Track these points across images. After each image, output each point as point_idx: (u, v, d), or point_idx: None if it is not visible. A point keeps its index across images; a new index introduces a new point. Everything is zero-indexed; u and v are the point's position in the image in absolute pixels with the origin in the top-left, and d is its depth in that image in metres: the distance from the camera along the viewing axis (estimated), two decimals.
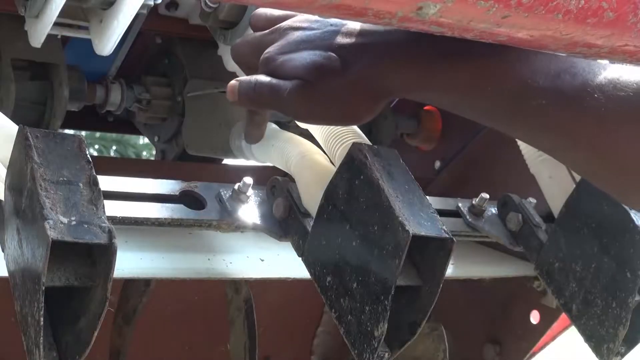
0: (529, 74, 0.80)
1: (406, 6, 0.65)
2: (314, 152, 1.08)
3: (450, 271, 0.97)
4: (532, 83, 0.80)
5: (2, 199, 0.88)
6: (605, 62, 0.80)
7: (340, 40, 0.89)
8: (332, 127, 1.07)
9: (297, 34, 0.93)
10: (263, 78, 0.93)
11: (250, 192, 1.09)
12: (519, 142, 1.31)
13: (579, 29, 0.69)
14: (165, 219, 1.03)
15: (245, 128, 1.12)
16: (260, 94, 0.93)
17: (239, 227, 1.08)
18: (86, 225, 0.80)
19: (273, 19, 0.98)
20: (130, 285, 1.41)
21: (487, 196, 1.32)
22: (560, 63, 0.80)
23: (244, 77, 0.96)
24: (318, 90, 0.89)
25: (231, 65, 1.27)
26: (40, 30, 1.14)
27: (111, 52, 1.18)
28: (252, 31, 1.02)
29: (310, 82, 0.89)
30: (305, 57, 0.90)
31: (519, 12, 0.66)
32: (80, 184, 0.84)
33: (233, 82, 0.97)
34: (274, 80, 0.92)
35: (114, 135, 4.91)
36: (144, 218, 1.02)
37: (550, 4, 0.66)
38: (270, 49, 0.94)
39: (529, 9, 0.66)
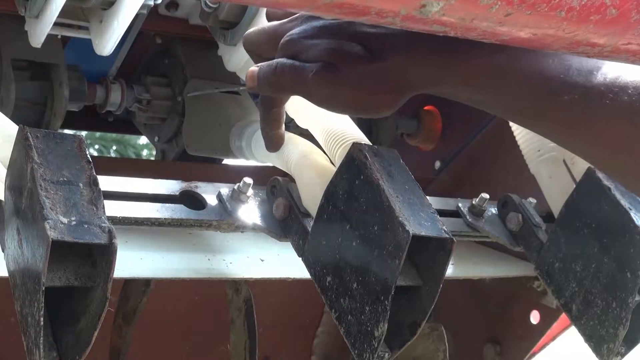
0: (562, 70, 0.80)
1: (409, 4, 0.64)
2: (314, 152, 1.08)
3: (450, 271, 0.97)
4: (566, 78, 0.80)
5: (2, 199, 0.88)
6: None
7: (366, 29, 0.87)
8: (332, 127, 1.07)
9: (319, 22, 0.90)
10: (285, 60, 0.90)
11: (250, 192, 1.09)
12: (519, 142, 1.32)
13: (582, 27, 0.69)
14: (165, 219, 1.03)
15: (263, 131, 1.06)
16: (282, 77, 0.90)
17: (239, 227, 1.08)
18: (86, 226, 0.80)
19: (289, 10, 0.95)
20: (130, 285, 1.41)
21: (487, 196, 1.32)
22: (591, 61, 0.80)
23: (264, 62, 0.94)
24: (344, 75, 0.86)
25: (231, 65, 1.27)
26: (41, 30, 1.14)
27: (111, 52, 1.18)
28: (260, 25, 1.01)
29: (336, 66, 0.86)
30: (330, 41, 0.87)
31: (521, 10, 0.66)
32: (80, 184, 0.84)
33: (253, 67, 0.95)
34: (297, 62, 0.89)
35: (114, 135, 4.91)
36: (144, 218, 1.02)
37: (553, 1, 0.66)
38: (293, 32, 0.91)
39: (531, 6, 0.66)
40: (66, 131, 1.72)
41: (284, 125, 1.05)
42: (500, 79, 0.83)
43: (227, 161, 1.80)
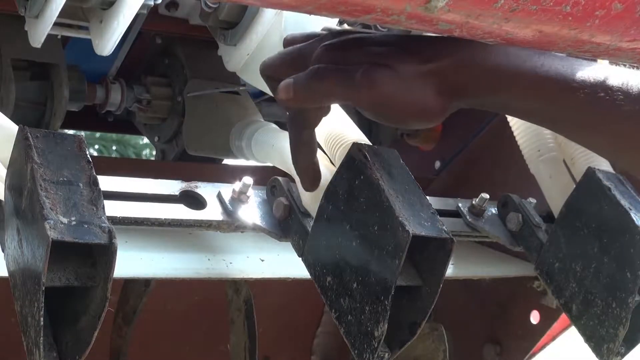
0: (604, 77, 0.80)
1: (414, 0, 0.63)
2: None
3: (450, 271, 0.97)
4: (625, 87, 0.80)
5: (2, 199, 0.88)
6: None
7: (407, 37, 0.83)
8: (332, 127, 1.07)
9: (353, 34, 0.85)
10: (326, 65, 0.82)
11: (250, 192, 1.09)
12: (519, 142, 1.32)
13: (587, 22, 0.68)
14: (165, 219, 1.03)
15: (296, 164, 0.94)
16: (326, 81, 0.82)
17: (239, 227, 1.08)
18: (86, 226, 0.80)
19: (311, 34, 0.89)
20: (130, 285, 1.41)
21: (487, 196, 1.32)
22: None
23: (299, 74, 0.85)
24: (397, 75, 0.81)
25: (231, 65, 1.27)
26: (41, 30, 1.14)
27: (111, 52, 1.17)
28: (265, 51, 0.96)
29: (389, 66, 0.81)
30: (375, 47, 0.82)
31: (527, 4, 0.65)
32: (80, 184, 0.84)
33: (287, 80, 0.85)
34: (341, 65, 0.82)
35: (114, 135, 4.91)
36: (144, 218, 1.02)
37: None
38: (330, 42, 0.84)
39: (537, 1, 0.65)
40: (66, 131, 1.72)
41: (316, 150, 0.94)
42: (559, 85, 0.80)
43: (227, 161, 1.80)
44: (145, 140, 3.93)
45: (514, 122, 1.30)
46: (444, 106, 0.84)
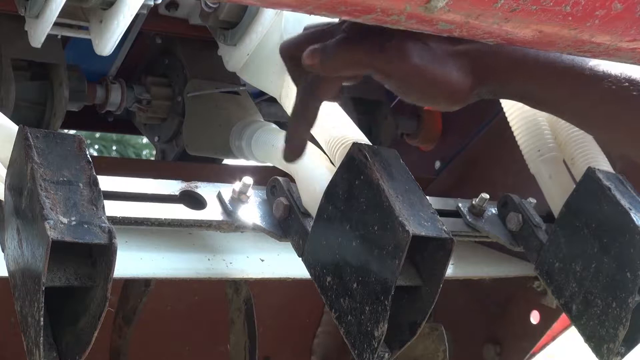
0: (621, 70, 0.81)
1: (414, 0, 0.63)
2: (314, 152, 1.08)
3: (450, 271, 0.97)
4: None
5: (2, 199, 0.88)
6: None
7: None
8: (332, 127, 1.07)
9: None
10: (355, 35, 0.80)
11: (250, 192, 1.09)
12: (519, 142, 1.32)
13: (587, 22, 0.68)
14: (165, 219, 1.03)
15: (290, 132, 0.92)
16: (355, 50, 0.80)
17: (239, 227, 1.08)
18: (86, 226, 0.80)
19: (332, 21, 0.87)
20: (130, 285, 1.41)
21: (487, 196, 1.32)
22: None
23: (327, 42, 0.83)
24: (428, 49, 0.80)
25: (231, 65, 1.27)
26: (41, 30, 1.14)
27: (111, 52, 1.17)
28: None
29: (422, 40, 0.81)
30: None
31: (527, 5, 0.65)
32: (80, 184, 0.84)
33: (314, 46, 0.82)
34: (371, 37, 0.80)
35: (114, 135, 4.91)
36: (144, 218, 1.02)
37: None
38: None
39: (536, 1, 0.65)
40: (66, 131, 1.72)
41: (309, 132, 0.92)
42: (585, 73, 0.82)
43: (227, 161, 1.80)
44: (145, 140, 3.93)
45: (514, 122, 1.30)
46: (471, 87, 0.85)
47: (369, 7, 0.64)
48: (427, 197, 1.00)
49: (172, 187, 1.07)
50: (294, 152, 0.92)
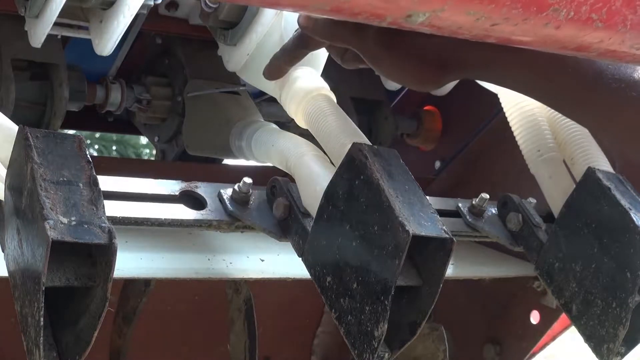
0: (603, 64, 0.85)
1: (395, 13, 0.67)
2: (314, 152, 1.08)
3: (450, 271, 0.97)
4: (613, 70, 0.85)
5: (2, 199, 0.88)
6: None
7: None
8: (332, 126, 1.07)
9: None
10: None
11: (250, 192, 1.09)
12: (519, 142, 1.32)
13: (571, 36, 0.70)
14: (165, 219, 1.03)
15: (275, 58, 1.09)
16: (343, 28, 0.92)
17: (239, 227, 1.08)
18: (86, 226, 0.80)
19: None
20: (130, 285, 1.41)
21: (487, 196, 1.32)
22: None
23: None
24: (407, 39, 0.90)
25: (231, 65, 1.27)
26: (41, 30, 1.14)
27: (111, 52, 1.17)
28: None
29: (400, 30, 0.90)
30: None
31: (508, 21, 0.68)
32: (80, 184, 0.84)
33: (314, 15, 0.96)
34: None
35: (114, 135, 4.90)
36: (144, 218, 1.02)
37: (540, 15, 0.67)
38: None
39: (518, 19, 0.68)
40: (66, 131, 1.72)
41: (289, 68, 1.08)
42: (557, 64, 0.86)
43: (227, 161, 1.80)
44: (145, 140, 3.93)
45: (514, 122, 1.30)
46: (440, 77, 0.93)
47: (353, 15, 0.67)
48: (427, 197, 1.00)
49: (172, 187, 1.07)
50: (271, 74, 1.11)
